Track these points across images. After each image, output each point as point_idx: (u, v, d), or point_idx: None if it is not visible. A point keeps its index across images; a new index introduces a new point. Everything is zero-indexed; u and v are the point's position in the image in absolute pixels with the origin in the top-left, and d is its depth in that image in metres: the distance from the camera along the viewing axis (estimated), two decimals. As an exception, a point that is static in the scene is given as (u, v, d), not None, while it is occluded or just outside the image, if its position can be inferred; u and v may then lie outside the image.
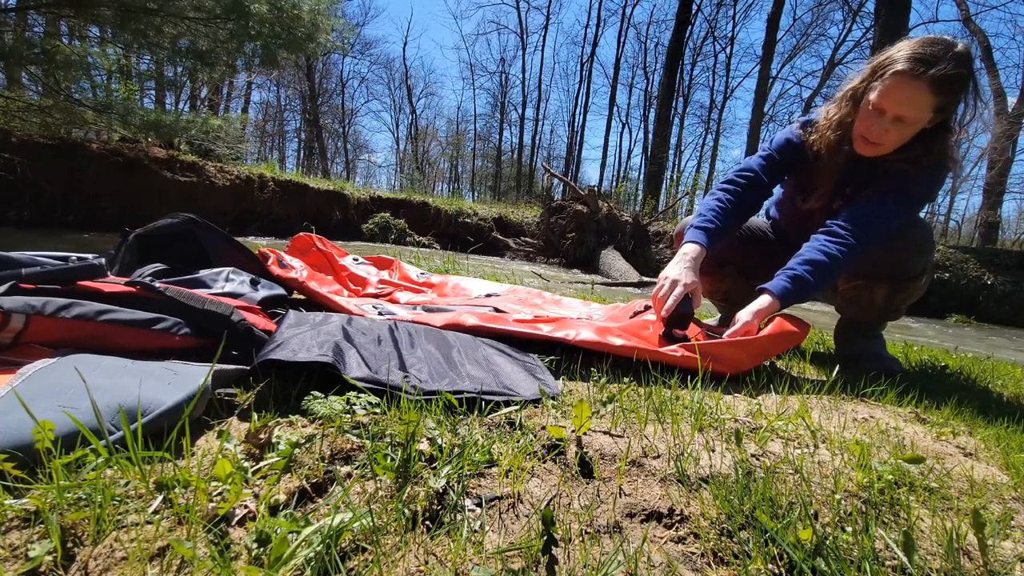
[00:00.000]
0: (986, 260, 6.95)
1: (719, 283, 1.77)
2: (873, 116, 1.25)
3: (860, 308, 1.54)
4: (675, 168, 25.33)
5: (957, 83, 1.17)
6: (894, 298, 1.47)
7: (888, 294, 1.46)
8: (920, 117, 1.22)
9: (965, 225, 21.98)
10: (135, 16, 4.29)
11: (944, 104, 1.20)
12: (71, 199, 5.35)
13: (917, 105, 1.19)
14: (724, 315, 1.92)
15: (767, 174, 1.50)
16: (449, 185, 33.77)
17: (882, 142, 1.26)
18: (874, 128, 1.25)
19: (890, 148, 1.29)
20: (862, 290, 1.49)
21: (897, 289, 1.45)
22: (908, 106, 1.19)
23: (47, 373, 0.71)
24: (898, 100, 1.20)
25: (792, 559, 0.53)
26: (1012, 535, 0.66)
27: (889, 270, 1.43)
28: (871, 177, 1.37)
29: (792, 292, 1.28)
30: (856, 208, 1.34)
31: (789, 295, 1.28)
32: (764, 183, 1.50)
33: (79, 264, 1.02)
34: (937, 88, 1.16)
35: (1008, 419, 1.14)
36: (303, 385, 0.86)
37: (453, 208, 9.27)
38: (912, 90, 1.17)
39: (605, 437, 0.80)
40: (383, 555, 0.50)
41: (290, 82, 26.15)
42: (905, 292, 1.46)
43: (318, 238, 2.13)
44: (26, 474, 0.53)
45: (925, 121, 1.24)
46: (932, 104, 1.19)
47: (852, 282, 1.51)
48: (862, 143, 1.31)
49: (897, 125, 1.23)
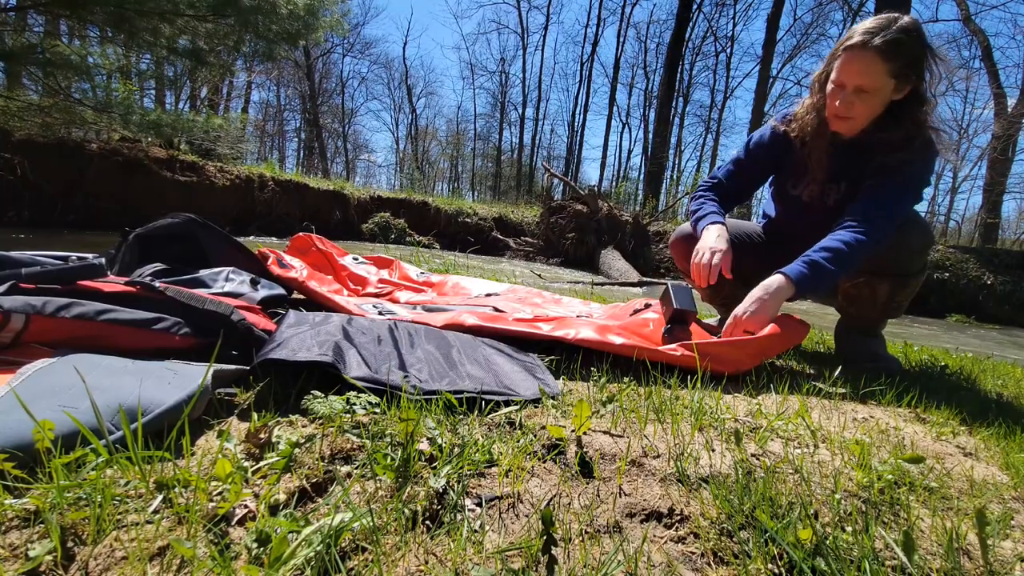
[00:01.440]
0: (986, 260, 6.95)
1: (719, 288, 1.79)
2: (837, 92, 1.32)
3: (863, 306, 1.55)
4: (675, 168, 25.35)
5: (904, 47, 1.24)
6: (897, 294, 1.48)
7: (891, 291, 1.47)
8: (878, 84, 1.27)
9: (965, 225, 21.98)
10: (129, 17, 4.28)
11: (898, 69, 1.25)
12: (71, 199, 5.35)
13: (871, 73, 1.26)
14: (724, 317, 1.93)
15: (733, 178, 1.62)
16: (449, 185, 33.81)
17: (851, 114, 1.32)
18: (840, 103, 1.31)
19: (862, 120, 1.34)
20: (864, 287, 1.50)
21: (899, 285, 1.47)
22: (863, 75, 1.27)
23: (47, 373, 0.71)
24: (853, 71, 1.28)
25: (792, 559, 0.53)
26: (1012, 535, 0.66)
27: (891, 267, 1.44)
28: (863, 167, 1.40)
29: (808, 277, 1.27)
30: (862, 202, 1.36)
31: (805, 280, 1.27)
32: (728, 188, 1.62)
33: (79, 264, 1.02)
34: (885, 54, 1.23)
35: (1008, 419, 1.14)
36: (303, 385, 0.86)
37: (453, 208, 9.27)
38: (863, 60, 1.26)
39: (605, 437, 0.80)
40: (383, 555, 0.50)
41: (290, 82, 26.18)
42: (907, 288, 1.48)
43: (318, 238, 2.13)
44: (26, 474, 0.53)
45: (888, 89, 1.29)
46: (886, 70, 1.25)
47: (854, 280, 1.51)
48: (835, 121, 1.37)
49: (861, 96, 1.29)
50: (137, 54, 5.37)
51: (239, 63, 5.64)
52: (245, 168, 7.40)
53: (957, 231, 21.37)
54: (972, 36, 14.60)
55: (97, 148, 5.57)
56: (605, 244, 7.44)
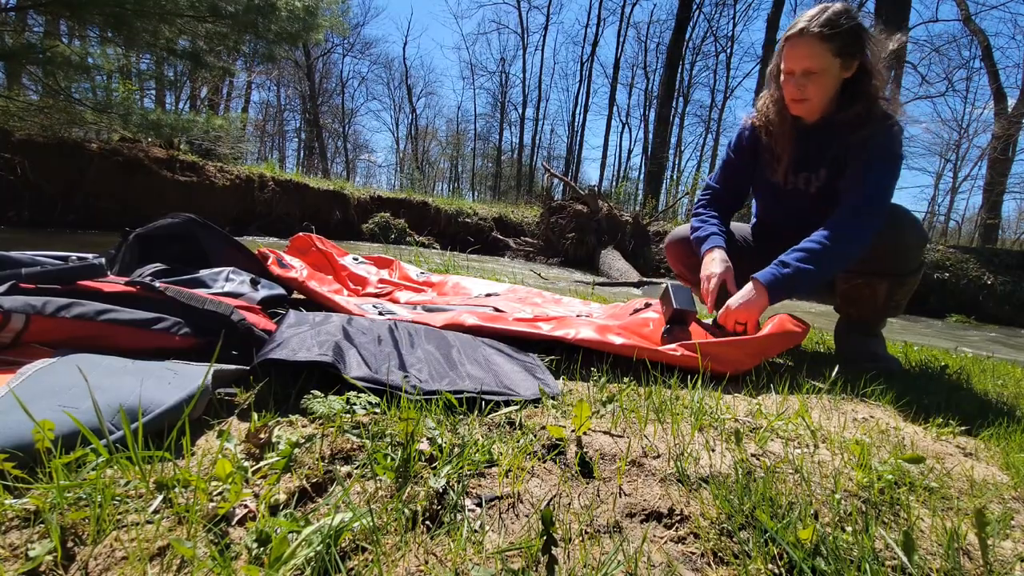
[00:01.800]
0: (986, 260, 6.94)
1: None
2: (789, 80, 1.41)
3: (862, 306, 1.56)
4: (675, 168, 25.33)
5: (839, 27, 1.32)
6: (895, 294, 1.50)
7: (889, 290, 1.49)
8: (824, 64, 1.35)
9: (965, 225, 21.94)
10: (129, 18, 4.28)
11: (839, 48, 1.33)
12: (71, 199, 5.34)
13: (812, 55, 1.35)
14: None
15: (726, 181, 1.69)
16: (449, 185, 33.80)
17: (805, 96, 1.40)
18: (792, 88, 1.40)
19: (817, 101, 1.40)
20: (863, 288, 1.51)
21: (897, 284, 1.48)
22: (806, 59, 1.35)
23: (47, 373, 0.71)
24: (796, 56, 1.37)
25: (792, 559, 0.53)
26: (1012, 535, 0.66)
27: (889, 268, 1.45)
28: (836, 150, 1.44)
29: (779, 279, 1.32)
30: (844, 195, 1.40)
31: (776, 282, 1.32)
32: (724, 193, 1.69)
33: (79, 264, 1.02)
34: (823, 36, 1.32)
35: (1008, 419, 1.14)
36: (303, 385, 0.86)
37: (453, 208, 9.27)
38: (803, 45, 1.35)
39: (605, 437, 0.80)
40: (383, 555, 0.50)
41: (290, 82, 26.16)
42: (905, 287, 1.50)
43: (318, 238, 2.13)
44: (26, 474, 0.53)
45: (834, 68, 1.36)
46: (827, 50, 1.33)
47: (852, 281, 1.52)
48: (793, 106, 1.44)
49: (810, 78, 1.37)
50: (137, 54, 5.37)
51: (239, 63, 5.63)
52: (245, 168, 7.40)
53: (957, 231, 21.36)
54: (972, 36, 14.61)
55: (97, 148, 5.56)
56: (605, 244, 7.44)
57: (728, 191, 1.70)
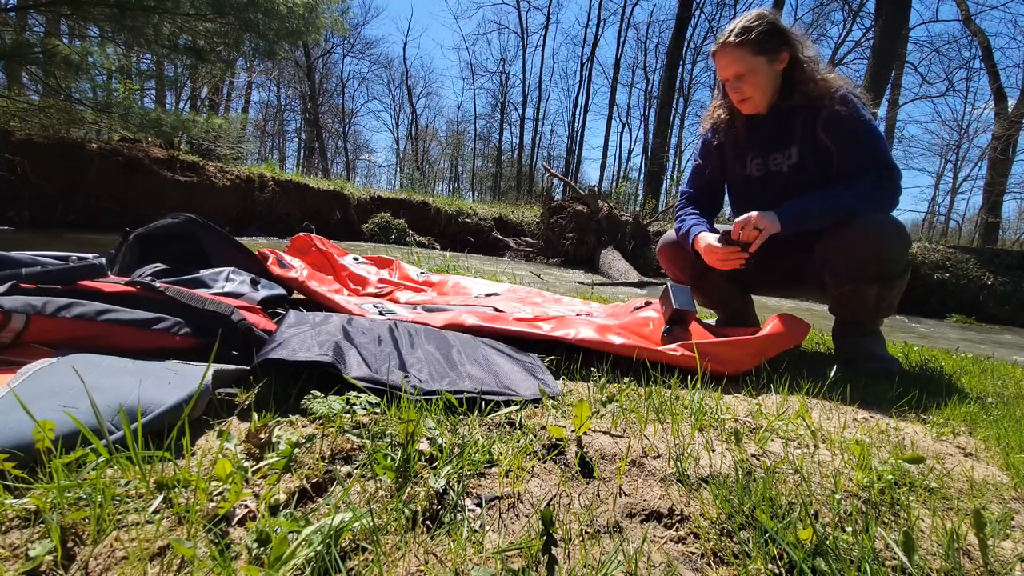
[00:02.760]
0: (986, 260, 6.93)
1: (711, 293, 1.85)
2: (728, 86, 1.56)
3: (855, 311, 1.57)
4: (675, 168, 25.27)
5: (751, 31, 1.47)
6: (885, 296, 1.51)
7: (879, 293, 1.50)
8: (749, 65, 1.49)
9: (965, 225, 21.92)
10: (130, 14, 4.28)
11: (756, 47, 1.47)
12: (71, 199, 5.35)
13: (736, 60, 1.49)
14: (721, 319, 1.93)
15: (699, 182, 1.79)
16: (449, 185, 33.79)
17: (746, 95, 1.53)
18: (733, 92, 1.55)
19: (759, 96, 1.53)
20: (852, 295, 1.52)
21: (886, 287, 1.50)
22: (732, 65, 1.50)
23: (47, 373, 0.71)
24: (723, 66, 1.53)
25: (792, 559, 0.53)
26: (1012, 535, 0.66)
27: (876, 272, 1.47)
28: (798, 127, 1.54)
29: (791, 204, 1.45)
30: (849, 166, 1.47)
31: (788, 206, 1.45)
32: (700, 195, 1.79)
33: (79, 264, 1.02)
34: (739, 44, 1.47)
35: (1008, 419, 1.14)
36: (303, 385, 0.86)
37: (453, 208, 9.27)
38: (725, 55, 1.51)
39: (605, 437, 0.80)
40: (383, 555, 0.50)
41: (290, 82, 26.15)
42: (894, 289, 1.52)
43: (318, 238, 2.13)
44: (26, 474, 0.53)
45: (763, 66, 1.49)
46: (746, 53, 1.48)
47: (841, 288, 1.52)
48: (741, 106, 1.58)
49: (743, 79, 1.51)
50: (138, 54, 5.36)
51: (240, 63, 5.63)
52: (245, 168, 7.40)
53: (957, 231, 21.34)
54: (972, 36, 14.60)
55: (97, 148, 5.57)
56: (605, 244, 7.44)
57: (704, 193, 1.79)
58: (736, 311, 1.87)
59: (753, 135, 1.63)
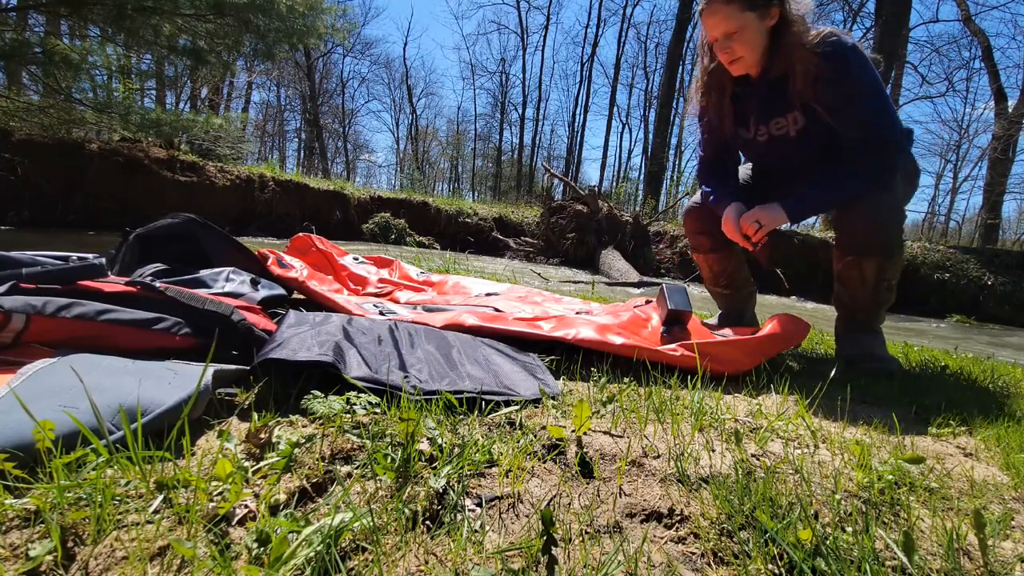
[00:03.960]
0: (986, 260, 6.93)
1: (727, 261, 1.85)
2: (718, 47, 1.49)
3: (854, 289, 1.59)
4: (675, 168, 25.24)
5: None
6: (884, 272, 1.53)
7: (878, 268, 1.52)
8: (739, 24, 1.42)
9: (965, 225, 21.93)
10: (129, 15, 4.28)
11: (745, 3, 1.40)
12: (71, 199, 5.34)
13: (725, 17, 1.42)
14: (724, 310, 1.94)
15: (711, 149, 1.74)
16: (449, 185, 33.79)
17: (736, 55, 1.47)
18: (723, 53, 1.48)
19: (750, 55, 1.47)
20: (853, 268, 1.55)
21: (884, 261, 1.52)
22: (721, 24, 1.43)
23: (47, 373, 0.71)
24: (712, 25, 1.46)
25: (792, 559, 0.53)
26: (1012, 535, 0.66)
27: (876, 242, 1.50)
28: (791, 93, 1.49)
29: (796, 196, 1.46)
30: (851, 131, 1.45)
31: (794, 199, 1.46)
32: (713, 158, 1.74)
33: (79, 264, 1.02)
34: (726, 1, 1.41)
35: (1008, 419, 1.14)
36: (303, 385, 0.86)
37: (453, 208, 9.26)
38: (714, 14, 1.44)
39: (605, 437, 0.80)
40: (383, 555, 0.50)
41: (290, 82, 26.15)
42: (892, 266, 1.54)
43: (318, 238, 2.13)
44: (26, 474, 0.53)
45: (753, 22, 1.42)
46: (736, 9, 1.41)
47: (844, 259, 1.56)
48: (731, 68, 1.51)
49: (733, 39, 1.44)
50: (138, 53, 5.37)
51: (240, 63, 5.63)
52: (245, 168, 7.39)
53: (957, 231, 21.34)
54: (972, 36, 14.60)
55: (97, 148, 5.56)
56: (605, 244, 7.43)
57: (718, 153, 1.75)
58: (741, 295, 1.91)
59: (748, 103, 1.59)
